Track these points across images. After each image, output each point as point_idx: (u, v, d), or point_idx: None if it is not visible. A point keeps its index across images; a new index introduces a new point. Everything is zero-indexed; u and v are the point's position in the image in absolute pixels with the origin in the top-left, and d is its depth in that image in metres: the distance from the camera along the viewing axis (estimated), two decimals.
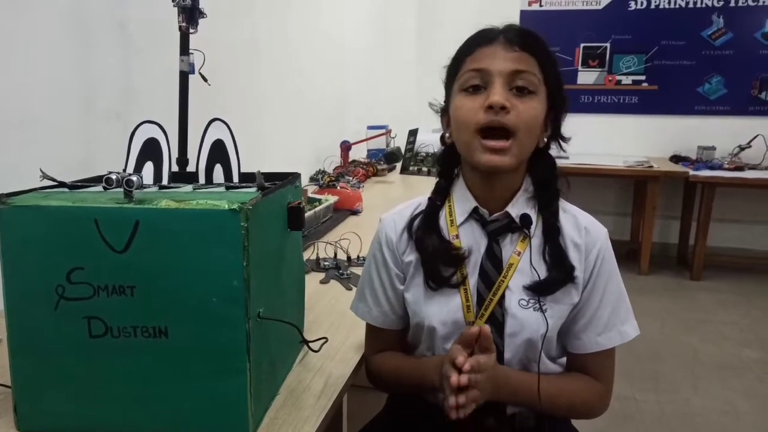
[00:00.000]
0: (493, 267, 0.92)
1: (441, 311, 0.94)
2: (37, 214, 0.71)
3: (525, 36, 0.87)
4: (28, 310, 0.73)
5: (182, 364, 0.74)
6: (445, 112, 0.97)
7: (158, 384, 0.74)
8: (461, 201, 0.96)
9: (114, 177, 0.75)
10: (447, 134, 0.96)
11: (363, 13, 3.48)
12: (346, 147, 2.91)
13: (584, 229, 0.93)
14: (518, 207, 0.93)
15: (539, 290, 0.90)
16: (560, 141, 0.95)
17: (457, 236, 0.95)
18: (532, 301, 0.90)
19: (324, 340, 0.90)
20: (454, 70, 0.92)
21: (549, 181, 0.94)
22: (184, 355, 0.73)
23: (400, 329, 1.03)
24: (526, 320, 0.90)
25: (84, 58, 1.36)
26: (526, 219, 0.92)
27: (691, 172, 3.72)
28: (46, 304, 0.72)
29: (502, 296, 0.91)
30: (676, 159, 4.08)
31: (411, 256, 0.97)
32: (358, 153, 3.09)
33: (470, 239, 0.94)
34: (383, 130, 3.11)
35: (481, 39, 0.88)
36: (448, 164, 0.99)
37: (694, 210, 3.96)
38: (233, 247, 0.70)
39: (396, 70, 4.14)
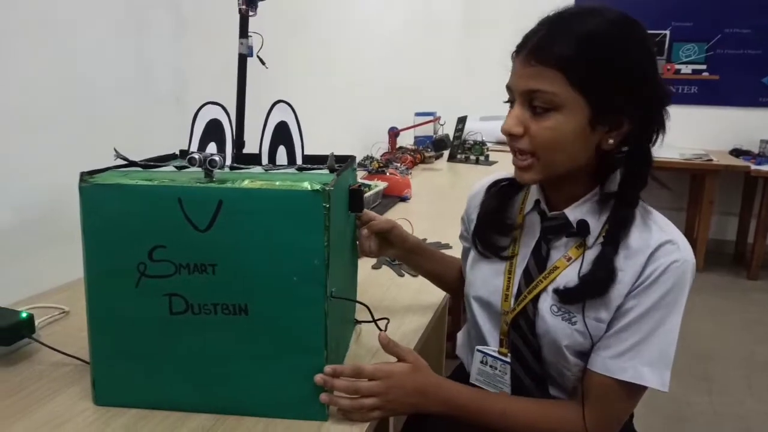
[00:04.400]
0: (536, 264, 0.90)
1: (481, 286, 0.95)
2: (119, 193, 0.73)
3: (546, 45, 0.78)
4: (109, 287, 0.75)
5: (261, 342, 0.75)
6: None
7: (237, 361, 0.76)
8: (533, 192, 0.95)
9: (197, 156, 0.76)
10: None
11: None
12: (394, 133, 2.89)
13: (653, 247, 0.81)
14: (579, 212, 0.87)
15: (563, 296, 0.85)
16: (651, 136, 0.83)
17: (522, 224, 0.94)
18: (563, 310, 0.86)
19: (386, 320, 0.90)
20: None
21: (620, 192, 0.84)
22: (263, 333, 0.75)
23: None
24: (553, 327, 0.86)
25: (142, 40, 1.39)
26: (582, 226, 0.85)
27: (753, 167, 3.56)
28: (127, 282, 0.74)
29: (537, 296, 0.88)
30: (736, 153, 3.91)
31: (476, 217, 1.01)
32: (405, 140, 3.07)
33: (530, 231, 0.93)
34: (431, 117, 3.08)
35: (518, 46, 0.83)
36: None
37: (755, 206, 3.79)
38: (315, 227, 0.71)
39: (445, 57, 4.09)
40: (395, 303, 1.18)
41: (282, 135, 0.91)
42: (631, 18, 0.81)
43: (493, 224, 0.96)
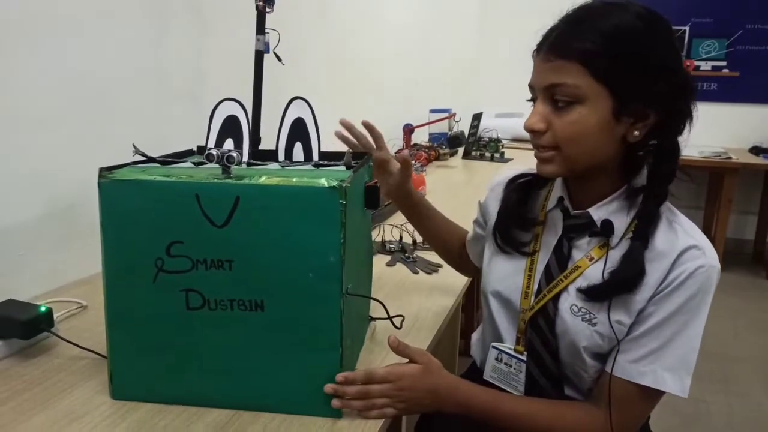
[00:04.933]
0: (557, 263, 0.89)
1: (500, 283, 0.95)
2: (138, 188, 0.73)
3: (566, 39, 0.78)
4: (127, 282, 0.75)
5: (277, 338, 0.75)
6: None
7: (253, 356, 0.76)
8: (556, 188, 0.93)
9: (214, 153, 0.76)
10: None
11: None
12: (408, 130, 2.89)
13: (678, 251, 0.80)
14: (604, 211, 0.85)
15: (589, 293, 0.83)
16: (678, 127, 0.82)
17: (543, 221, 0.93)
18: (583, 310, 0.85)
19: (401, 317, 0.90)
20: None
21: (648, 188, 0.83)
22: (279, 329, 0.75)
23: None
24: (573, 327, 0.85)
25: (159, 37, 1.39)
26: (607, 226, 0.84)
27: None
28: (145, 277, 0.74)
29: (558, 295, 0.87)
30: (756, 150, 3.84)
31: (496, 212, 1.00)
32: (420, 137, 3.06)
33: (552, 228, 0.92)
34: (446, 114, 3.06)
35: (539, 44, 0.82)
36: None
37: None
38: (332, 223, 0.71)
39: (460, 53, 4.07)
40: (409, 300, 1.17)
41: (299, 131, 0.91)
42: (655, 11, 0.79)
43: (514, 219, 0.95)
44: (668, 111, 0.79)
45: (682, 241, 0.80)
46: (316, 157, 0.91)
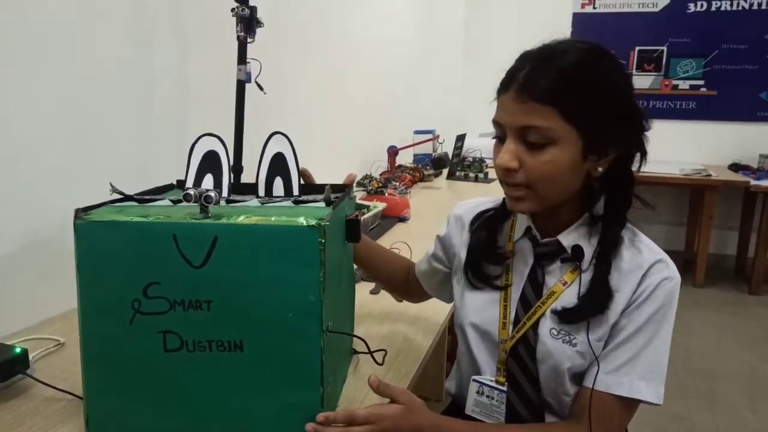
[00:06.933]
0: (533, 290, 0.91)
1: (476, 315, 0.95)
2: (114, 229, 0.72)
3: (537, 81, 0.78)
4: (104, 324, 0.74)
5: (257, 378, 0.74)
6: None
7: (232, 397, 0.75)
8: (522, 219, 0.95)
9: (192, 192, 0.75)
10: None
11: (410, 17, 3.47)
12: (393, 152, 2.90)
13: (646, 267, 0.85)
14: (572, 237, 0.89)
15: (564, 317, 0.86)
16: (632, 158, 0.87)
17: (512, 251, 0.94)
18: (563, 332, 0.87)
19: (384, 351, 0.90)
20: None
21: (607, 215, 0.88)
22: (259, 369, 0.74)
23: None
24: (554, 350, 0.87)
25: (143, 64, 1.39)
26: (577, 251, 0.87)
27: (752, 182, 3.56)
28: (121, 318, 0.73)
29: (537, 321, 0.89)
30: (735, 167, 3.92)
31: (464, 251, 1.00)
32: (404, 158, 3.08)
33: (521, 257, 0.94)
34: (430, 135, 3.09)
35: (504, 82, 0.82)
36: None
37: (754, 220, 3.79)
38: (311, 262, 0.71)
39: (443, 74, 4.11)
40: (394, 329, 1.17)
41: (279, 166, 0.91)
42: (605, 47, 0.83)
43: (485, 255, 0.96)
44: (626, 146, 0.84)
45: (647, 257, 0.86)
46: (296, 192, 0.91)
